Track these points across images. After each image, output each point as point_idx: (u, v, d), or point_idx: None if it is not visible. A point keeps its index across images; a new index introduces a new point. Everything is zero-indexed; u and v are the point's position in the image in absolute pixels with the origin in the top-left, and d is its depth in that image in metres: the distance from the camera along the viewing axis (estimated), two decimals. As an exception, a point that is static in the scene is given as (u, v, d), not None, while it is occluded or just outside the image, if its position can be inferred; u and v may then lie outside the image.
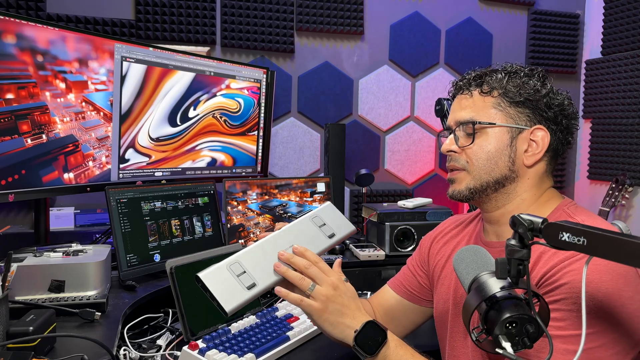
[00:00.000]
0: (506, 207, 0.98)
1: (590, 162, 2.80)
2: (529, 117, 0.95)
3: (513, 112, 0.95)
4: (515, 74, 0.97)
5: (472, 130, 0.96)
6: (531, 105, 0.95)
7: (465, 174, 0.98)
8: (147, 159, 1.77)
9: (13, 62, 1.32)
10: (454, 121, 1.00)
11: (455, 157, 0.99)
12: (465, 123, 0.97)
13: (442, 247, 1.14)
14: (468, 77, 1.01)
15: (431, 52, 2.64)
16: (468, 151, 0.97)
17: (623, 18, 2.59)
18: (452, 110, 1.02)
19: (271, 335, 1.21)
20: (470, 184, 0.97)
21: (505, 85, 0.95)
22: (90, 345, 0.92)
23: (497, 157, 0.95)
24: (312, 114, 2.47)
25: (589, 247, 0.62)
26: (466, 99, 0.99)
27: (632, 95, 2.53)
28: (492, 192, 0.97)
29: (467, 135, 0.97)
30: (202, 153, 1.94)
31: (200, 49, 2.20)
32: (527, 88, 0.95)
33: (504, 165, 0.95)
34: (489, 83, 0.97)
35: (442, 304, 1.09)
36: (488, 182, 0.96)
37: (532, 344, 0.69)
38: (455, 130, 0.99)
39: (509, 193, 0.97)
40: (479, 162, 0.96)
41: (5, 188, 1.32)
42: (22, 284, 1.13)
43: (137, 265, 1.44)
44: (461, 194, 0.98)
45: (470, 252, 0.82)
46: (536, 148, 0.95)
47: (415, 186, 2.67)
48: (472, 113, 0.97)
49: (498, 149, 0.95)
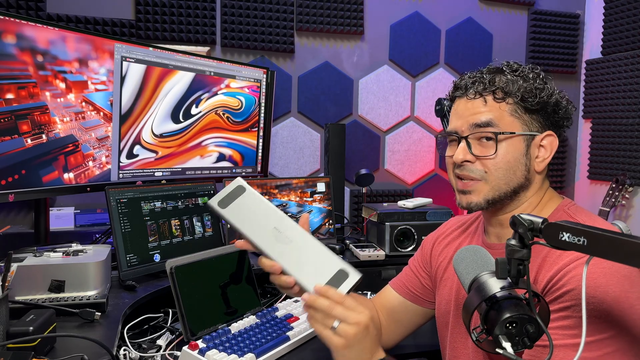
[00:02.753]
0: (513, 212, 0.96)
1: (590, 162, 2.80)
2: (541, 123, 0.94)
3: (527, 119, 0.93)
4: (526, 78, 0.93)
5: (493, 139, 0.91)
6: (543, 111, 0.93)
7: (482, 185, 0.94)
8: (154, 155, 1.78)
9: (13, 62, 1.32)
10: (467, 126, 0.94)
11: (470, 167, 0.94)
12: (484, 131, 0.92)
13: (444, 248, 1.14)
14: (476, 79, 0.96)
15: (431, 52, 2.64)
16: (486, 161, 0.92)
17: (623, 18, 2.59)
18: (460, 115, 0.96)
19: (271, 335, 1.21)
20: (488, 195, 0.93)
21: (522, 92, 0.92)
22: (90, 345, 0.92)
23: (516, 167, 0.92)
24: (312, 114, 2.47)
25: (589, 247, 0.62)
26: (479, 105, 0.94)
27: (632, 95, 2.53)
28: (507, 201, 0.95)
29: (484, 144, 0.93)
30: (209, 148, 1.95)
31: (200, 49, 2.20)
32: (542, 95, 0.92)
33: (521, 175, 0.93)
34: (502, 89, 0.92)
35: (444, 305, 1.09)
36: (506, 192, 0.93)
37: (532, 344, 0.69)
38: (468, 137, 0.94)
39: (520, 199, 0.96)
40: (498, 172, 0.92)
41: (5, 188, 1.32)
42: (22, 284, 1.13)
43: (137, 265, 1.44)
44: (478, 205, 0.94)
45: (470, 252, 0.82)
46: (545, 153, 0.94)
47: (415, 186, 2.67)
48: (492, 121, 0.92)
49: (516, 158, 0.92)
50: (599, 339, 0.78)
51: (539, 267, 0.87)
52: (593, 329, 0.78)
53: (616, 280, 0.79)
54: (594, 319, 0.78)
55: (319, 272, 0.87)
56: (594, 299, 0.78)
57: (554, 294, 0.83)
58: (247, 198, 0.91)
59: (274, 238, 0.90)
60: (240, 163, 2.08)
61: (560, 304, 0.81)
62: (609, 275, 0.79)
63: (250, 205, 0.91)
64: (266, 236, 0.89)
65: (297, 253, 0.89)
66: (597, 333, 0.78)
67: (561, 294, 0.82)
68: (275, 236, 0.90)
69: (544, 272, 0.86)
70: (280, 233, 0.90)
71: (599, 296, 0.78)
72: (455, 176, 0.98)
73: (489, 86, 0.93)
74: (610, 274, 0.79)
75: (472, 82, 0.96)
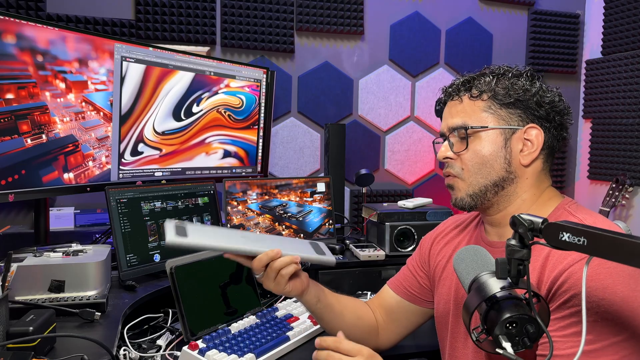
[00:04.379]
0: (507, 210, 0.98)
1: (590, 162, 2.80)
2: (521, 117, 0.95)
3: (504, 114, 0.96)
4: (503, 75, 0.97)
5: (464, 135, 0.97)
6: (521, 105, 0.95)
7: (459, 181, 0.99)
8: (158, 152, 1.79)
9: (13, 62, 1.32)
10: (446, 128, 1.01)
11: (451, 164, 1.00)
12: (457, 128, 0.98)
13: (442, 247, 1.14)
14: (456, 82, 1.01)
15: (431, 52, 2.64)
16: (463, 157, 0.98)
17: (623, 18, 2.59)
18: (444, 118, 1.03)
19: (271, 335, 1.21)
20: (468, 190, 0.98)
21: (494, 87, 0.96)
22: (90, 345, 0.92)
23: (493, 160, 0.96)
24: (312, 114, 2.47)
25: (589, 247, 0.62)
26: (456, 105, 1.00)
27: (632, 95, 2.53)
28: (492, 196, 0.97)
29: (461, 141, 0.98)
30: (213, 145, 1.96)
31: (200, 49, 2.20)
32: (515, 88, 0.95)
33: (500, 167, 0.96)
34: (477, 87, 0.97)
35: (443, 305, 1.09)
36: (486, 185, 0.96)
37: (532, 344, 0.69)
38: (448, 137, 1.00)
39: (509, 195, 0.97)
40: (474, 167, 0.97)
41: (5, 188, 1.32)
42: (22, 284, 1.13)
43: (137, 265, 1.44)
44: (463, 201, 0.99)
45: (470, 252, 0.82)
46: (531, 147, 0.95)
47: (415, 186, 2.67)
48: (463, 118, 0.97)
49: (493, 152, 0.95)
50: (615, 342, 0.77)
51: (542, 267, 0.87)
52: (607, 331, 0.77)
53: (622, 280, 0.79)
54: (606, 321, 0.77)
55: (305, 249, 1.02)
56: (603, 300, 0.78)
57: (561, 298, 0.82)
58: (194, 227, 0.95)
59: (249, 239, 0.98)
60: (245, 159, 2.08)
61: (569, 310, 0.81)
62: (614, 275, 0.79)
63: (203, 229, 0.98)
64: (242, 240, 0.96)
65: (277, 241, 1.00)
66: (611, 336, 0.77)
67: (568, 298, 0.81)
68: (247, 237, 0.99)
69: (547, 272, 0.86)
70: (248, 236, 0.99)
71: (608, 297, 0.78)
72: (444, 174, 1.04)
73: (465, 86, 0.99)
74: (616, 274, 0.79)
75: (455, 85, 1.01)
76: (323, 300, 1.09)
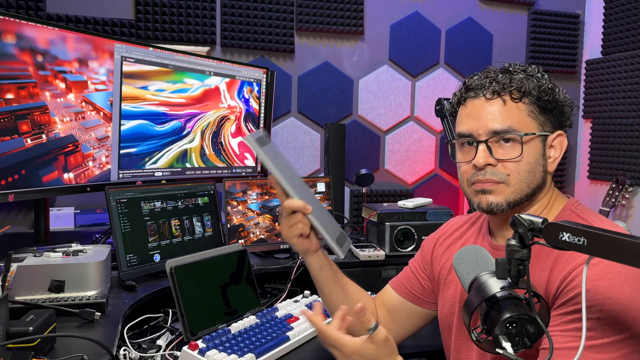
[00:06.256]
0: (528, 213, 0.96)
1: (590, 162, 2.80)
2: (552, 123, 0.94)
3: (542, 119, 0.93)
4: (538, 77, 0.94)
5: (516, 141, 0.90)
6: (556, 111, 0.94)
7: (504, 187, 0.92)
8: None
9: (13, 62, 1.32)
10: (486, 130, 0.92)
11: (492, 171, 0.92)
12: (504, 132, 0.90)
13: (446, 249, 1.13)
14: (491, 79, 0.94)
15: (431, 52, 2.64)
16: (509, 164, 0.91)
17: (623, 18, 2.59)
18: (477, 117, 0.93)
19: (271, 335, 1.21)
20: (510, 197, 0.92)
21: (537, 91, 0.91)
22: (90, 345, 0.92)
23: (535, 168, 0.92)
24: (312, 114, 2.47)
25: (589, 247, 0.62)
26: (497, 106, 0.92)
27: (632, 95, 2.53)
28: (526, 202, 0.94)
29: (503, 146, 0.92)
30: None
31: (200, 49, 2.20)
32: (554, 94, 0.93)
33: (539, 176, 0.93)
34: (519, 88, 0.91)
35: (448, 307, 1.08)
36: (527, 194, 0.93)
37: (532, 344, 0.69)
38: (487, 141, 0.92)
39: (533, 201, 0.96)
40: (521, 175, 0.91)
41: (5, 188, 1.32)
42: (22, 284, 1.13)
43: (137, 265, 1.44)
44: (499, 206, 0.92)
45: (470, 252, 0.82)
46: (556, 153, 0.95)
47: (415, 186, 2.66)
48: (509, 122, 0.91)
49: (536, 160, 0.92)
50: (617, 339, 0.77)
51: (551, 268, 0.86)
52: (611, 329, 0.77)
53: (630, 281, 0.79)
54: (612, 319, 0.77)
55: (331, 229, 1.01)
56: (610, 299, 0.78)
57: (567, 295, 0.82)
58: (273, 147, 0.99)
59: (301, 187, 1.00)
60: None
61: (573, 306, 0.81)
62: (623, 275, 0.79)
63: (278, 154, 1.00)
64: (297, 184, 0.99)
65: (317, 206, 1.00)
66: (615, 333, 0.77)
67: (574, 295, 0.81)
68: (302, 185, 1.01)
69: (557, 272, 0.85)
70: (302, 184, 1.02)
71: (614, 297, 0.78)
72: (474, 181, 0.95)
73: (508, 86, 0.92)
74: (624, 274, 0.79)
75: (489, 82, 0.93)
76: (327, 270, 1.06)
